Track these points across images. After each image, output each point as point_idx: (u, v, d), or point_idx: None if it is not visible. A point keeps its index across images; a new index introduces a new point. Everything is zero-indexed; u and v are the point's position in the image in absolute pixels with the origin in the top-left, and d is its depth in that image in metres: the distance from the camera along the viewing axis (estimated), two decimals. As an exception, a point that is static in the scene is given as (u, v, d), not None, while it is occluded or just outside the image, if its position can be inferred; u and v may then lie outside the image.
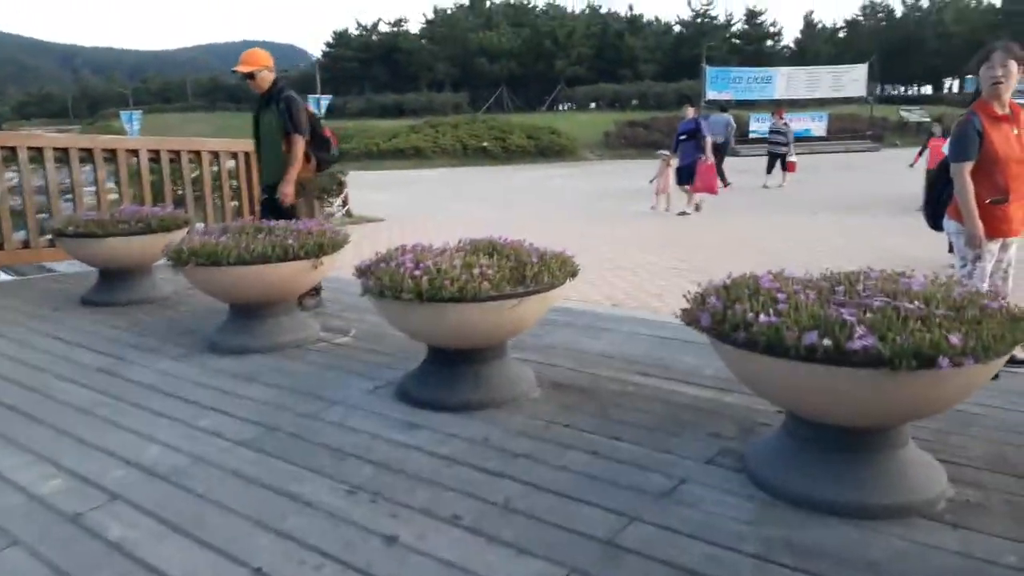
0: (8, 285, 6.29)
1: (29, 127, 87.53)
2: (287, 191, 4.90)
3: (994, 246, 3.42)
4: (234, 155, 7.99)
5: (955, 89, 60.50)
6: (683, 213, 12.31)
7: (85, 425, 3.08)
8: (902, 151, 24.45)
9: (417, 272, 2.95)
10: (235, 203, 8.01)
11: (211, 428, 3.03)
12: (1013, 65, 3.24)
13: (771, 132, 18.00)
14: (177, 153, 7.54)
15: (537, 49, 53.86)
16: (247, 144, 8.21)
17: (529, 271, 3.06)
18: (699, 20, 58.57)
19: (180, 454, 2.79)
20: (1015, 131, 3.38)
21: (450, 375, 3.18)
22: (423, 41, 58.53)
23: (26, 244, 6.55)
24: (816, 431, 2.28)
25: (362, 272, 3.24)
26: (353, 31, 62.53)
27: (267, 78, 4.96)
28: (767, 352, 2.09)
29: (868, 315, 2.05)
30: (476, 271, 2.94)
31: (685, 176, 12.33)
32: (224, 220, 7.88)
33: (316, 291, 5.03)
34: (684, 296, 2.53)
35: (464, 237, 3.61)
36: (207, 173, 7.80)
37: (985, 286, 3.36)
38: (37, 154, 6.59)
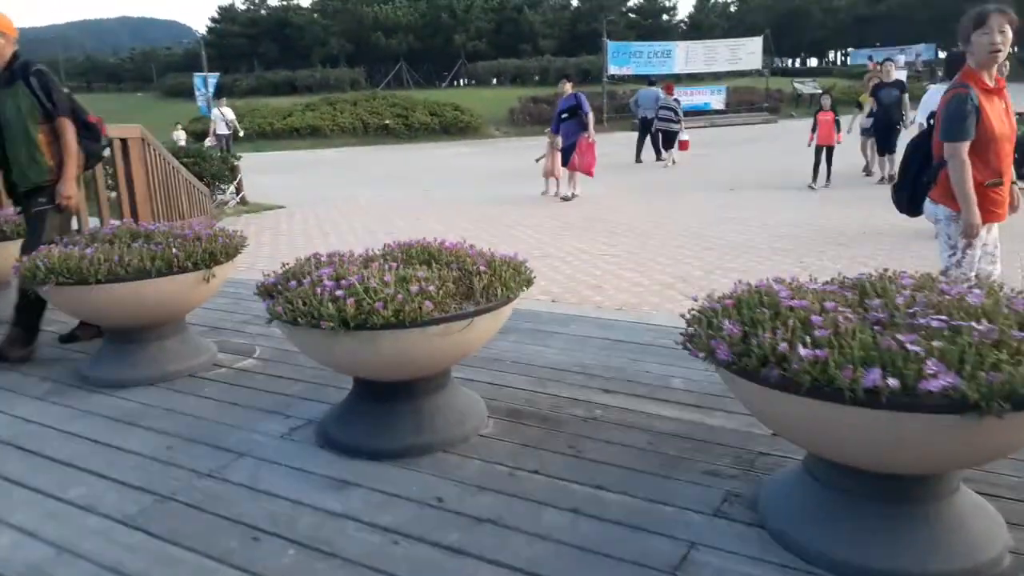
0: None
1: None
2: (69, 191, 3.78)
3: (983, 231, 3.11)
4: (109, 142, 7.02)
5: (839, 62, 63.20)
6: (565, 197, 11.40)
7: (-95, 510, 2.36)
8: (798, 122, 25.02)
9: (339, 292, 2.36)
10: (113, 194, 7.09)
11: (82, 500, 2.37)
12: (1009, 30, 2.91)
13: (660, 108, 17.25)
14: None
15: (435, 23, 52.60)
16: (126, 130, 7.28)
17: (478, 283, 2.52)
18: (596, -6, 58.60)
19: (40, 543, 2.14)
20: (1003, 105, 3.07)
21: (385, 413, 2.61)
22: (315, 15, 56.18)
23: None
24: (853, 478, 1.86)
25: (267, 292, 2.61)
26: (240, 5, 59.49)
27: (1, 49, 3.72)
28: (812, 394, 1.64)
29: (936, 343, 1.62)
30: (414, 288, 2.38)
31: (569, 157, 11.30)
32: (101, 217, 6.94)
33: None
34: (682, 316, 2.05)
35: (389, 236, 3.04)
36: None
37: (973, 274, 3.05)
38: None
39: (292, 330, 2.47)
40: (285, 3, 58.10)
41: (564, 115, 11.25)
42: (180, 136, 21.49)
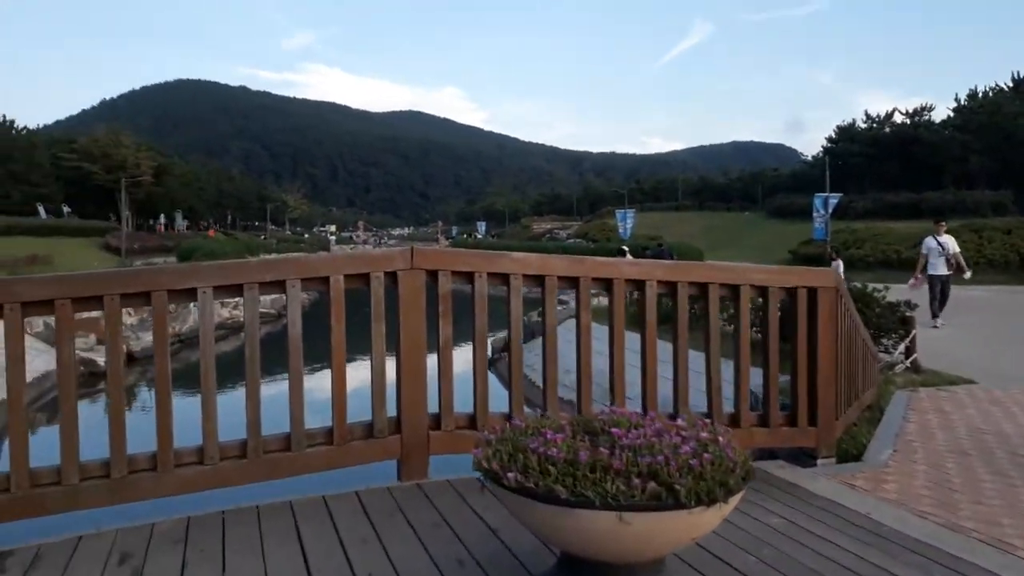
0: (400, 498, 3.87)
1: (541, 221, 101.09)
2: None
3: None
4: (790, 292, 4.77)
5: None
6: None
7: None
8: None
9: None
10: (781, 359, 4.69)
11: None
12: None
13: None
14: (703, 287, 4.60)
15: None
16: (815, 276, 4.98)
17: None
18: None
19: None
20: None
21: None
22: (950, 131, 49.95)
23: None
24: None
25: None
26: (861, 124, 57.06)
27: None
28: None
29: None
30: None
31: None
32: (768, 406, 4.66)
33: None
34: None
35: None
36: (745, 317, 4.70)
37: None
38: (501, 281, 4.23)
39: None
40: (915, 120, 53.43)
41: None
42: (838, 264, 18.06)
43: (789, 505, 3.79)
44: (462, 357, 4.26)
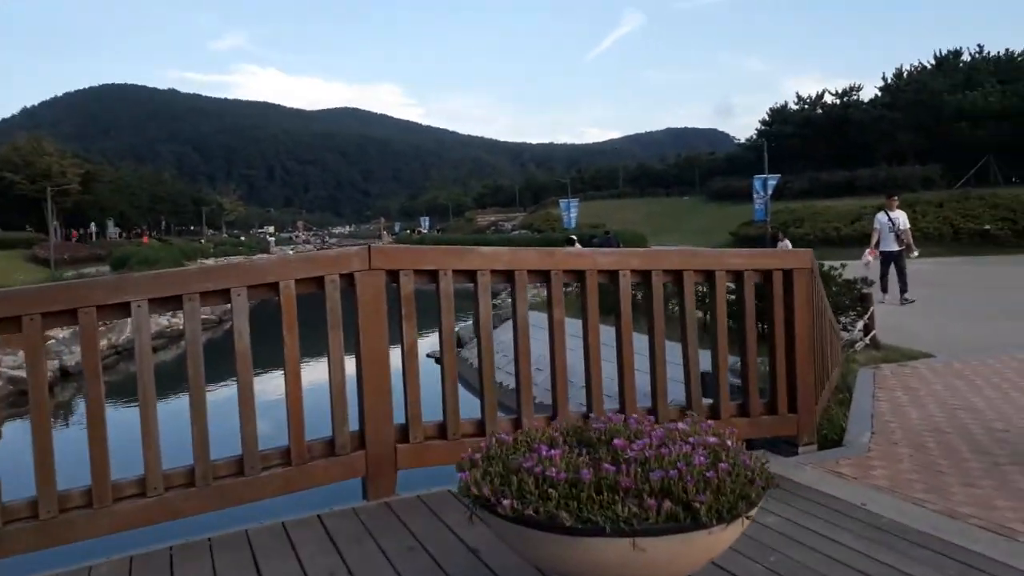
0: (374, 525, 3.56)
1: (485, 214, 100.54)
2: None
3: None
4: (765, 275, 4.59)
5: None
6: None
7: None
8: None
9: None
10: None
11: None
12: None
13: None
14: (677, 274, 4.39)
15: (1040, 109, 42.98)
16: (789, 257, 4.82)
17: None
18: None
19: None
20: None
21: None
22: (879, 108, 51.20)
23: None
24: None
25: None
26: (792, 106, 58.23)
27: None
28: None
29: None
30: None
31: None
32: (748, 395, 4.47)
33: None
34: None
35: None
36: (721, 303, 4.50)
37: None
38: (468, 279, 3.94)
39: None
40: (843, 100, 54.75)
41: None
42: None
43: (781, 500, 3.59)
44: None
